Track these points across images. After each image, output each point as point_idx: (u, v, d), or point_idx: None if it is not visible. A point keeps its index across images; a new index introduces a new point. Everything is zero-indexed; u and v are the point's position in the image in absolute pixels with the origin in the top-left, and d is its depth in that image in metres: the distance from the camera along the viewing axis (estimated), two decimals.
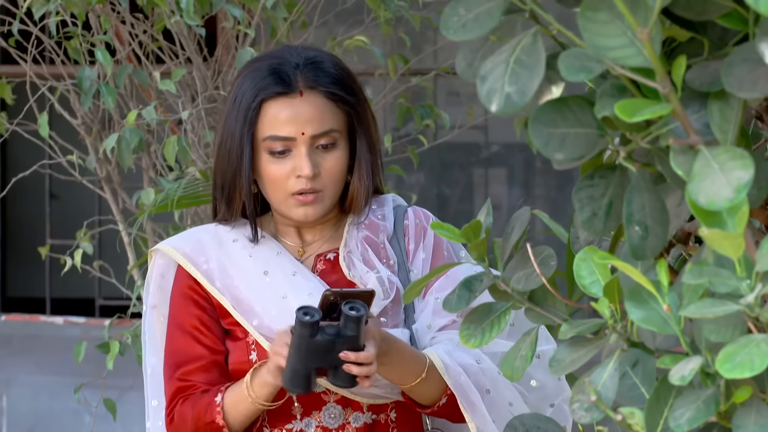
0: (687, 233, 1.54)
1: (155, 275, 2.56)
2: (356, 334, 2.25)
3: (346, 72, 2.46)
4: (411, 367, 2.38)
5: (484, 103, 1.26)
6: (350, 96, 2.43)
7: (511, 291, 1.49)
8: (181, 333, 2.50)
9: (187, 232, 2.61)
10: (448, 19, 1.30)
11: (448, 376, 2.39)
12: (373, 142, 2.48)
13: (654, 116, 1.21)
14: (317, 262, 2.51)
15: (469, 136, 6.34)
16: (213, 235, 2.53)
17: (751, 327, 1.23)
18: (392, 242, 2.51)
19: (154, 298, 2.56)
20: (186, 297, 2.51)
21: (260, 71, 2.44)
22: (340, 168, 2.43)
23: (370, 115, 2.48)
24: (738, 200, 1.17)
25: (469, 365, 2.41)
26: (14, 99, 4.40)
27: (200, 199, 3.75)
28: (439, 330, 2.46)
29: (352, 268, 2.47)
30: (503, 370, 1.51)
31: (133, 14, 4.18)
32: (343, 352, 2.24)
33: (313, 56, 2.46)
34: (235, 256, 2.50)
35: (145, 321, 2.58)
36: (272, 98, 2.41)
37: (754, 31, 1.25)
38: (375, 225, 2.51)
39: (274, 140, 2.41)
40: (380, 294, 2.43)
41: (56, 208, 7.12)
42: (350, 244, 2.49)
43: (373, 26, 4.47)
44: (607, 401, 1.32)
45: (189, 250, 2.51)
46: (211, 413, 2.42)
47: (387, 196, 2.57)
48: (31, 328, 6.59)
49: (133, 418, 5.87)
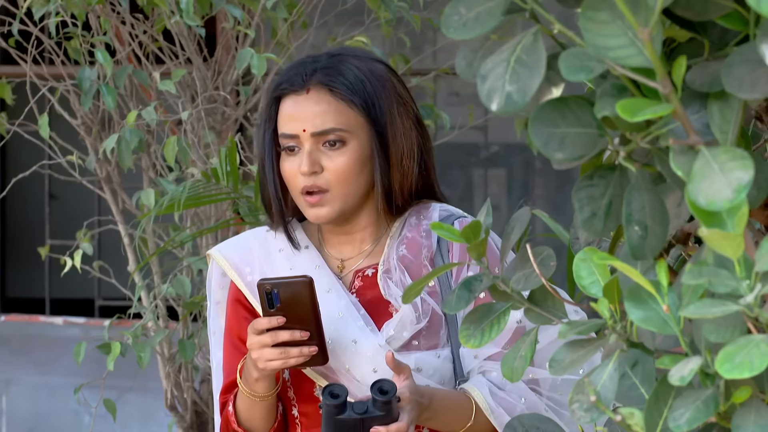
0: (687, 233, 1.54)
1: (216, 274, 2.56)
2: (385, 413, 2.24)
3: (367, 73, 2.40)
4: (457, 416, 2.36)
5: (485, 103, 1.26)
6: (363, 97, 2.38)
7: (511, 291, 1.48)
8: (230, 341, 2.52)
9: (238, 238, 2.59)
10: (448, 18, 1.30)
11: (493, 417, 2.36)
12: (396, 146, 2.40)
13: (655, 116, 1.21)
14: (355, 278, 2.47)
15: (469, 137, 6.34)
16: (262, 243, 2.52)
17: (750, 327, 1.23)
18: (435, 259, 2.45)
19: (217, 295, 2.57)
20: (236, 304, 2.52)
21: (287, 70, 2.45)
22: (348, 167, 2.38)
23: (397, 119, 2.41)
24: (738, 201, 1.17)
25: (512, 407, 2.39)
26: (14, 99, 4.40)
27: (201, 200, 3.75)
28: (486, 359, 2.42)
29: (387, 289, 2.43)
30: (503, 371, 1.50)
31: (133, 15, 4.18)
32: (374, 428, 2.24)
33: (338, 55, 2.43)
34: (278, 268, 2.49)
35: (210, 316, 2.59)
36: (285, 95, 2.41)
37: (755, 32, 1.25)
38: (416, 243, 2.45)
39: (284, 137, 2.41)
40: (413, 319, 2.39)
41: (56, 208, 7.12)
42: (388, 263, 2.44)
43: (373, 27, 4.48)
44: (607, 401, 1.32)
45: (237, 260, 2.51)
46: (230, 422, 2.45)
47: (435, 205, 2.49)
48: (30, 328, 6.59)
49: (132, 419, 5.87)
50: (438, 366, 2.41)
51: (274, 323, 2.29)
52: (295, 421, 2.46)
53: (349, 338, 2.39)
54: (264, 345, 2.30)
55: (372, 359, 2.38)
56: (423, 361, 2.39)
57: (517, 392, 2.40)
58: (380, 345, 2.38)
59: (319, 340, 2.32)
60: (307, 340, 2.31)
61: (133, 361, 3.98)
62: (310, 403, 2.44)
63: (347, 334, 2.40)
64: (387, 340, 2.38)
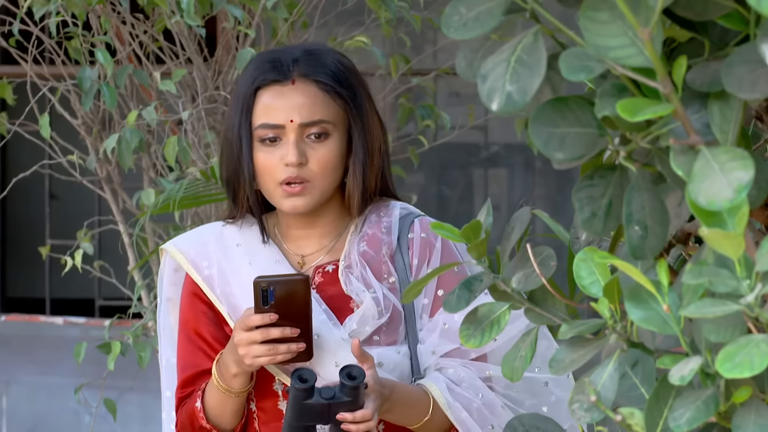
0: (687, 233, 1.54)
1: (168, 270, 2.55)
2: (353, 399, 2.25)
3: (346, 67, 2.43)
4: (416, 410, 2.38)
5: (485, 102, 1.26)
6: (346, 90, 2.40)
7: (511, 291, 1.48)
8: (186, 336, 2.51)
9: (194, 232, 2.59)
10: (449, 17, 1.30)
11: (450, 412, 2.38)
12: (371, 142, 2.43)
13: (655, 116, 1.21)
14: (315, 274, 2.47)
15: (469, 137, 6.33)
16: (218, 238, 2.51)
17: (750, 327, 1.23)
18: (395, 256, 2.46)
19: (168, 291, 2.56)
20: (193, 298, 2.51)
21: (260, 61, 2.44)
22: (331, 159, 2.39)
23: (370, 115, 2.44)
24: (738, 201, 1.17)
25: (469, 402, 2.40)
26: (15, 99, 4.40)
27: (201, 199, 3.75)
28: (443, 356, 2.43)
29: (348, 284, 2.44)
30: (503, 371, 1.50)
31: (134, 14, 4.18)
32: (340, 413, 2.26)
33: (314, 49, 2.45)
34: (236, 262, 2.48)
35: (159, 313, 2.58)
36: (266, 86, 2.40)
37: (755, 32, 1.25)
38: (376, 239, 2.46)
39: (264, 128, 2.39)
40: (375, 314, 2.40)
41: (56, 208, 7.12)
42: (349, 258, 2.45)
43: (373, 27, 4.48)
44: (607, 401, 1.32)
45: (194, 254, 2.50)
46: (197, 418, 2.43)
47: (395, 203, 2.51)
48: (31, 328, 6.59)
49: (132, 419, 5.87)
50: (398, 361, 2.42)
51: (267, 320, 2.29)
52: (253, 415, 2.47)
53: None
54: (253, 341, 2.30)
55: (335, 353, 2.39)
56: (384, 356, 2.40)
57: (473, 389, 2.41)
58: (343, 339, 2.39)
59: (308, 337, 2.32)
60: (297, 336, 2.31)
61: (134, 361, 3.98)
62: (268, 398, 2.44)
63: None
64: (350, 335, 2.40)
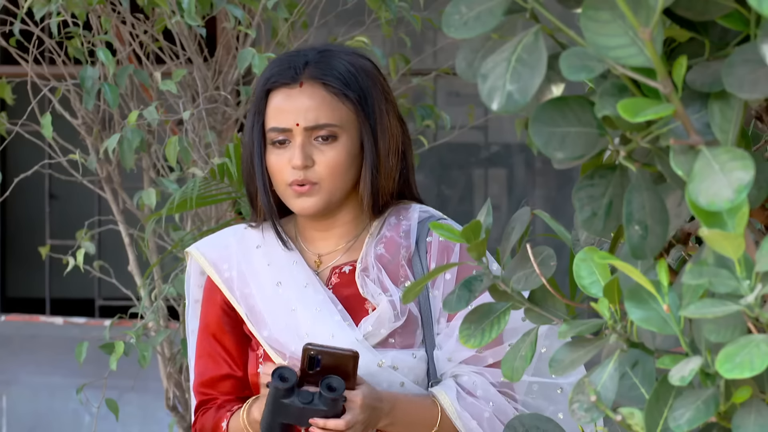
0: (687, 233, 1.54)
1: (194, 273, 2.56)
2: (328, 409, 2.27)
3: (357, 69, 2.42)
4: (421, 422, 2.38)
5: (486, 102, 1.26)
6: (356, 92, 2.39)
7: (511, 291, 1.48)
8: (206, 338, 2.52)
9: (216, 235, 2.59)
10: (450, 16, 1.30)
11: (459, 422, 2.37)
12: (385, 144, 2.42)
13: (657, 116, 1.21)
14: (332, 275, 2.48)
15: (469, 137, 6.33)
16: (240, 240, 2.52)
17: (751, 327, 1.23)
18: (413, 260, 2.45)
19: (195, 294, 2.57)
20: (214, 300, 2.52)
21: (274, 63, 2.45)
22: (339, 162, 2.39)
23: (385, 116, 2.43)
24: (738, 201, 1.17)
25: (480, 412, 2.39)
26: (14, 99, 4.40)
27: (206, 200, 3.74)
28: (460, 363, 2.43)
29: (364, 287, 2.44)
30: (504, 371, 1.50)
31: (134, 14, 4.18)
32: (313, 418, 2.27)
33: (327, 50, 2.44)
34: (255, 264, 2.49)
35: (188, 314, 2.60)
36: (276, 89, 2.41)
37: (755, 32, 1.25)
38: (394, 243, 2.46)
39: (274, 131, 2.41)
40: (390, 317, 2.40)
41: (56, 208, 7.12)
42: (366, 260, 2.45)
43: (373, 27, 4.47)
44: (607, 401, 1.32)
45: (215, 257, 2.51)
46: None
47: (415, 206, 2.50)
48: (31, 328, 6.59)
49: (133, 419, 5.87)
50: (413, 365, 2.42)
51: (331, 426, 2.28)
52: None
53: (327, 332, 2.40)
54: None
55: None
56: (399, 359, 2.40)
57: (485, 397, 2.41)
58: (357, 340, 2.39)
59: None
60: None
61: (134, 361, 3.98)
62: None
63: (325, 328, 2.41)
64: (364, 336, 2.40)
